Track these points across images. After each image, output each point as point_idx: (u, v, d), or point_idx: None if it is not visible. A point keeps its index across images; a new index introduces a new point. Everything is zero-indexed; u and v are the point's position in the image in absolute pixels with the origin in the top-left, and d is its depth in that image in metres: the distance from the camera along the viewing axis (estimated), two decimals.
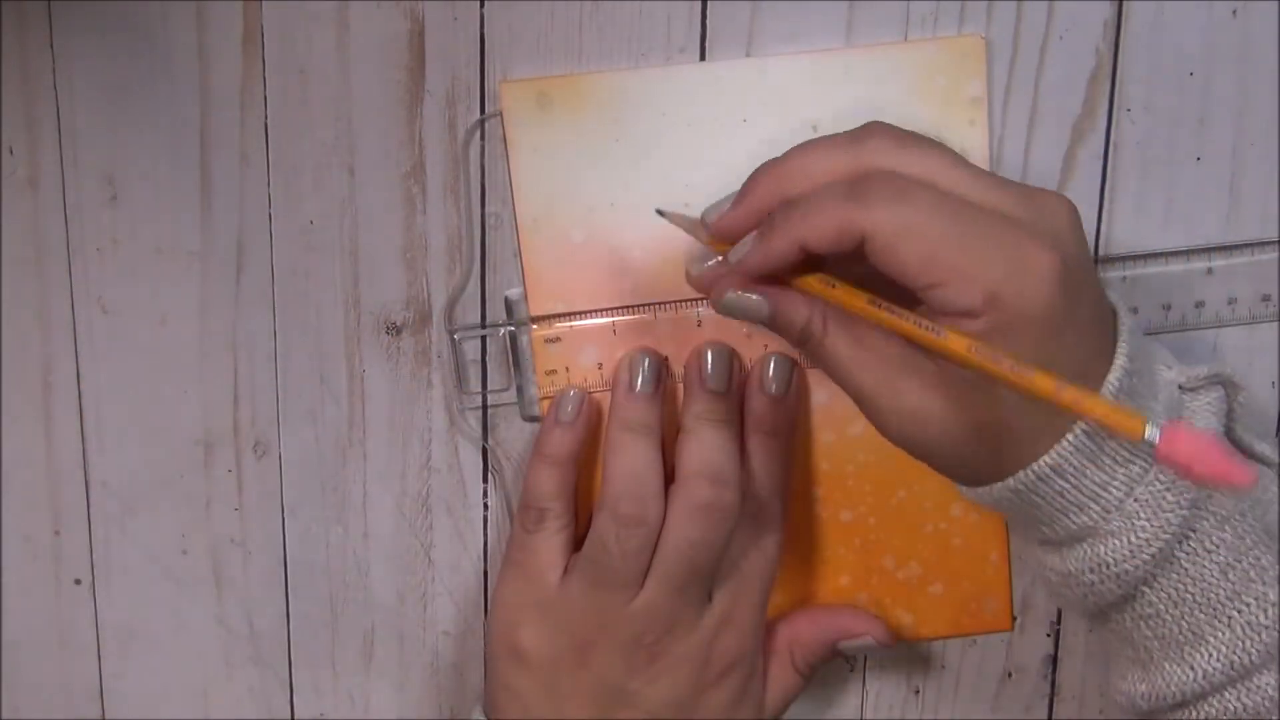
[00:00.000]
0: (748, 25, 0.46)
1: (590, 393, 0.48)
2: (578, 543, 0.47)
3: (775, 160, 0.42)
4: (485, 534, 0.51)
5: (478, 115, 0.47)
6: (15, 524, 0.50)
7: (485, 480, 0.50)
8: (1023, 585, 0.51)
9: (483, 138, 0.47)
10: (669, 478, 0.46)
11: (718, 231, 0.42)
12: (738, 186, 0.44)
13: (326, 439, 0.49)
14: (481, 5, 0.46)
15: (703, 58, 0.47)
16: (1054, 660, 0.52)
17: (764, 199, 0.41)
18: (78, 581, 0.51)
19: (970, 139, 0.47)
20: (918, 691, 0.52)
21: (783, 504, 0.48)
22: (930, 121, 0.47)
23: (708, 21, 0.46)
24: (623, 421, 0.46)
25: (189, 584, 0.51)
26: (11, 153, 0.47)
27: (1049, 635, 0.52)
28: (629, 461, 0.46)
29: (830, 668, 0.52)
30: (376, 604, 0.51)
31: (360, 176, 0.47)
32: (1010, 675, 0.52)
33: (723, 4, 0.46)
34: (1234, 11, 0.47)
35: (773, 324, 0.42)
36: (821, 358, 0.42)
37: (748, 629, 0.47)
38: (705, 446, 0.46)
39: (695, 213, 0.43)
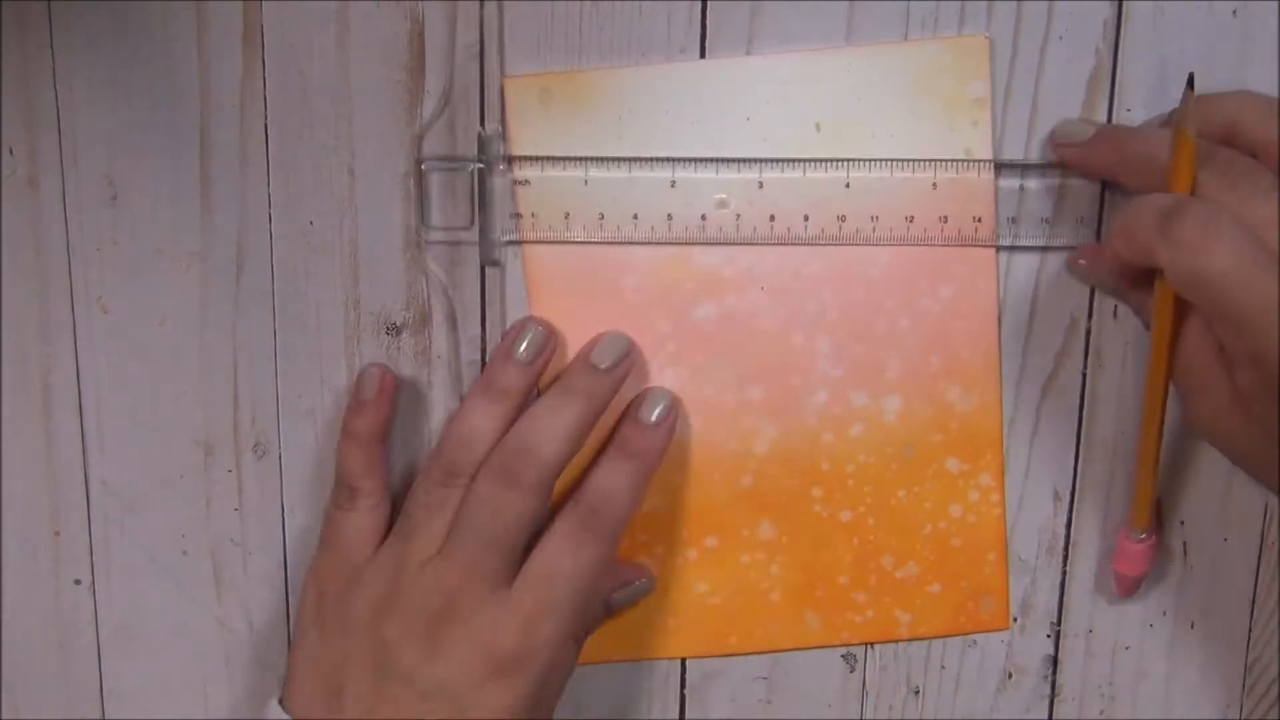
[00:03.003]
0: (747, 25, 0.46)
1: (388, 373, 0.48)
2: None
3: (1124, 130, 0.46)
4: None
5: (478, 115, 0.47)
6: (15, 524, 0.50)
7: None
8: (1022, 586, 0.51)
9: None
10: None
11: (1058, 155, 0.46)
12: (738, 185, 0.45)
13: (326, 439, 0.49)
14: (481, 5, 0.46)
15: (703, 58, 0.47)
16: (1054, 660, 0.52)
17: (1103, 157, 0.45)
18: (78, 581, 0.51)
19: (974, 139, 0.47)
20: (918, 691, 0.52)
21: (615, 528, 0.46)
22: (933, 121, 0.47)
23: (708, 21, 0.46)
24: (485, 382, 0.47)
25: (189, 584, 0.51)
26: (11, 153, 0.47)
27: (1049, 635, 0.52)
28: (465, 424, 0.46)
29: (830, 667, 0.52)
30: None
31: (360, 176, 0.47)
32: (1010, 675, 0.52)
33: (723, 4, 0.46)
34: (1234, 11, 0.47)
35: (1116, 296, 0.47)
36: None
37: (544, 636, 0.45)
38: (534, 416, 0.45)
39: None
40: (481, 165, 0.47)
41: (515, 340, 0.47)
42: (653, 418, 0.47)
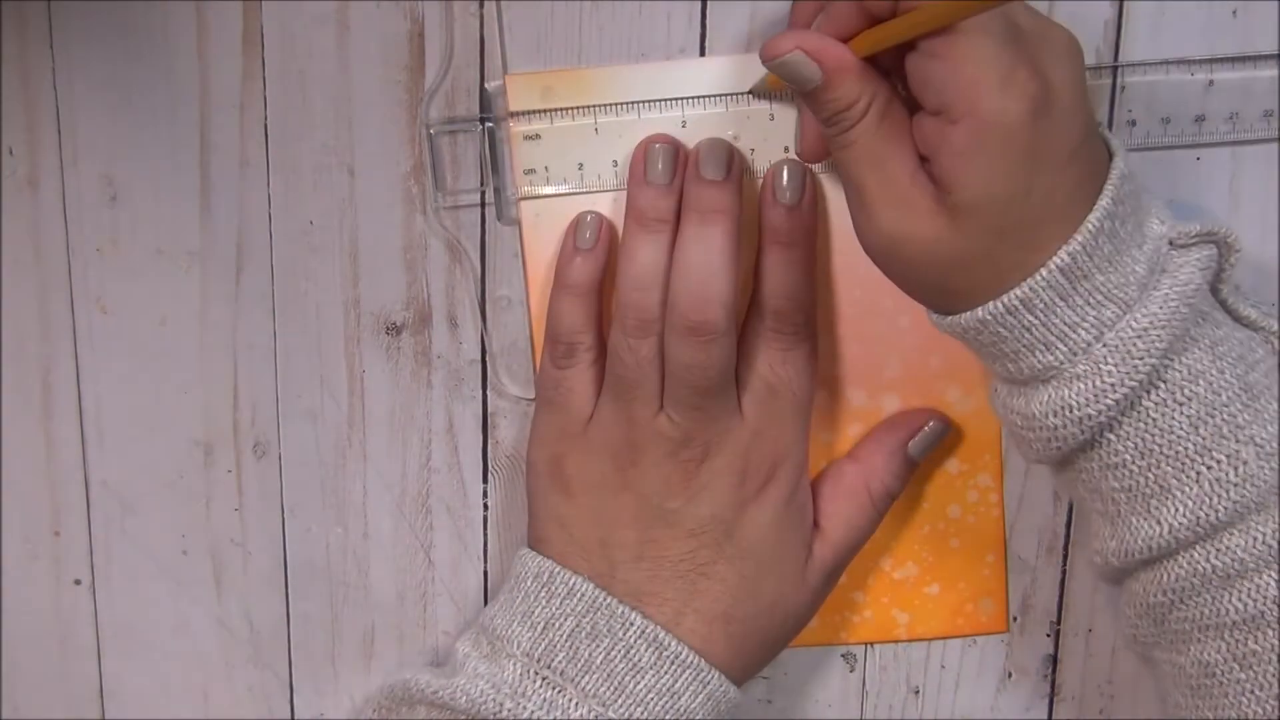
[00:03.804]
0: (747, 25, 0.46)
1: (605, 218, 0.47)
2: None
3: None
4: (485, 534, 0.51)
5: (478, 115, 0.47)
6: (15, 524, 0.50)
7: (485, 480, 0.50)
8: (1022, 586, 0.51)
9: (483, 137, 0.47)
10: None
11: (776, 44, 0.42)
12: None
13: (326, 439, 0.50)
14: (481, 5, 0.46)
15: (703, 57, 0.47)
16: (1054, 660, 0.52)
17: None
18: (78, 581, 0.51)
19: None
20: (918, 691, 0.52)
21: (807, 318, 0.47)
22: None
23: (707, 21, 0.46)
24: (635, 213, 0.45)
25: (189, 584, 0.51)
26: (11, 153, 0.47)
27: (1049, 635, 0.52)
28: (637, 264, 0.45)
29: (830, 667, 0.52)
30: (376, 604, 0.51)
31: (360, 176, 0.47)
32: (1010, 675, 0.52)
33: (722, 4, 0.46)
34: (1234, 12, 0.47)
35: (819, 95, 0.41)
36: (843, 144, 0.41)
37: (783, 443, 0.46)
38: (691, 258, 0.44)
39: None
40: (490, 122, 0.47)
41: (645, 165, 0.46)
42: (797, 199, 0.46)
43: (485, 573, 0.51)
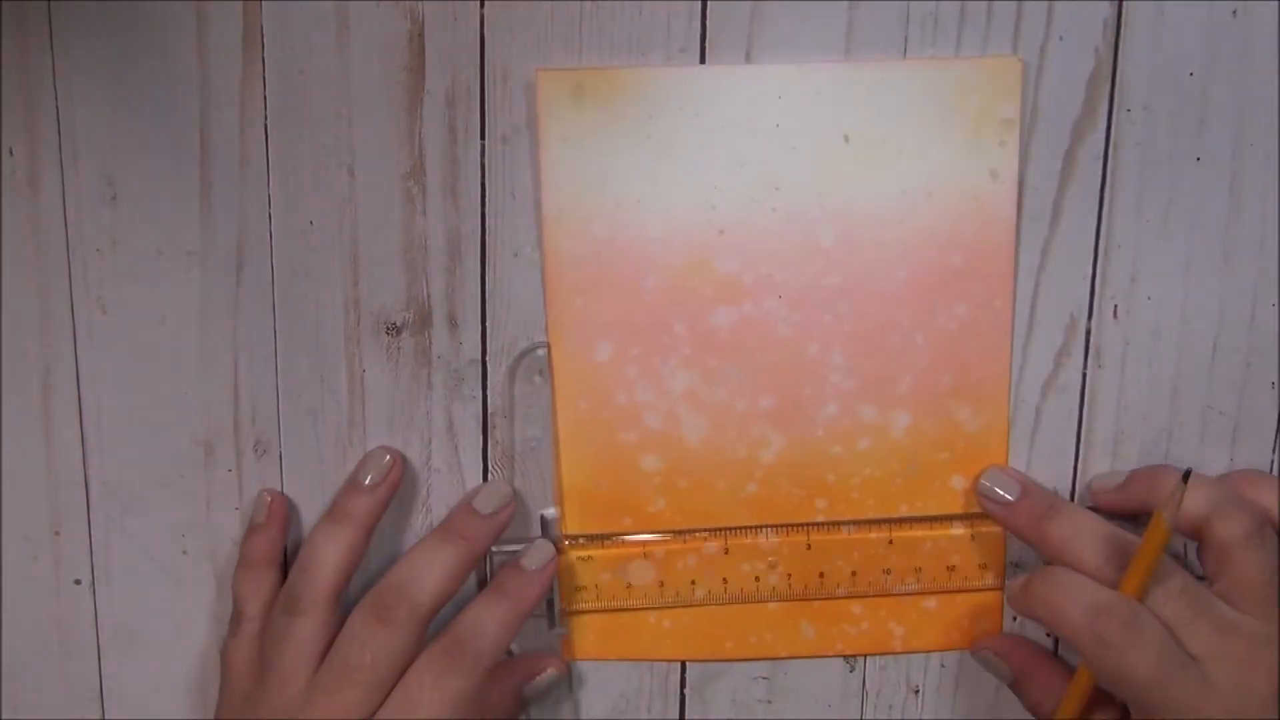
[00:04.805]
0: (747, 26, 0.46)
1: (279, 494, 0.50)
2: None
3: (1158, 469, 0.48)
4: None
5: (478, 115, 0.47)
6: (15, 524, 0.50)
7: (485, 480, 0.50)
8: None
9: (483, 137, 0.47)
10: None
11: (1095, 502, 0.49)
12: (763, 192, 0.46)
13: (326, 439, 0.50)
14: (481, 5, 0.46)
15: (702, 58, 0.47)
16: None
17: (1139, 495, 0.48)
18: (78, 581, 0.51)
19: (1000, 160, 0.47)
20: (918, 691, 0.52)
21: (480, 661, 0.46)
22: (962, 140, 0.47)
23: (707, 21, 0.46)
24: (329, 508, 0.49)
25: (189, 584, 0.51)
26: (11, 153, 0.47)
27: (1049, 635, 0.52)
28: (306, 546, 0.48)
29: (830, 668, 0.52)
30: None
31: (360, 176, 0.47)
32: None
33: (722, 4, 0.46)
34: (1234, 11, 0.47)
35: (1013, 689, 0.50)
36: None
37: None
38: (412, 555, 0.48)
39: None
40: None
41: (361, 468, 0.48)
42: (534, 566, 0.48)
43: (485, 574, 0.51)
